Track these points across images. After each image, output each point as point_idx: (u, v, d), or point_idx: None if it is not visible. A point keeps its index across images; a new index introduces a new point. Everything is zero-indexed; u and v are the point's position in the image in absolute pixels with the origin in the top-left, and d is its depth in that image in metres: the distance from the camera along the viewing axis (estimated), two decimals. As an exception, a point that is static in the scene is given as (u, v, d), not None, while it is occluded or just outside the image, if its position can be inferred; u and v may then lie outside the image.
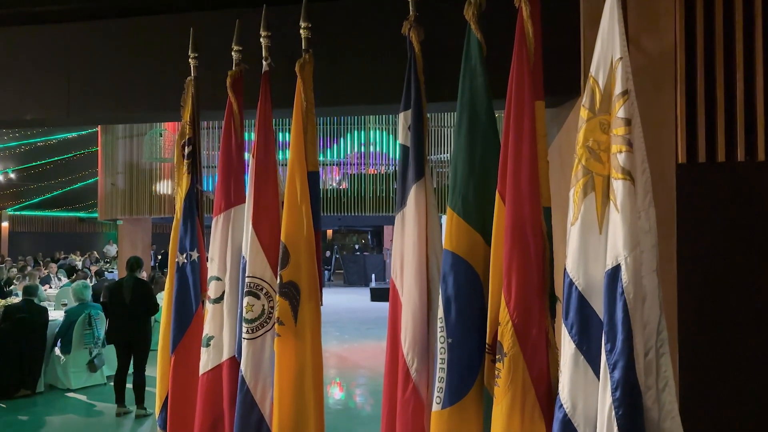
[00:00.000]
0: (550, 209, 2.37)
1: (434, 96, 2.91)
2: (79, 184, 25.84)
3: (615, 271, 1.97)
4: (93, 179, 21.72)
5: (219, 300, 3.20)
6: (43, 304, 8.71)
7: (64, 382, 7.96)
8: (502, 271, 2.31)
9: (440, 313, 2.49)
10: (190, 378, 3.28)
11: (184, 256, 3.36)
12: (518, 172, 2.30)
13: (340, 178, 16.91)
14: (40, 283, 10.51)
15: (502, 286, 2.30)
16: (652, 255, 1.99)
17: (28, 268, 14.69)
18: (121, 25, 3.65)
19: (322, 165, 15.43)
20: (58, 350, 7.96)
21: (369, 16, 3.31)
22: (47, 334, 7.93)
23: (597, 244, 2.08)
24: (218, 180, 3.32)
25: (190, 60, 3.36)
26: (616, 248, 1.97)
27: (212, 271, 3.25)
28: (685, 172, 2.81)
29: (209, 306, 3.22)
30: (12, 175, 24.96)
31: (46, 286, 12.85)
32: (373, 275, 20.45)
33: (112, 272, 17.33)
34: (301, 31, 3.02)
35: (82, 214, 30.50)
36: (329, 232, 28.16)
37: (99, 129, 16.49)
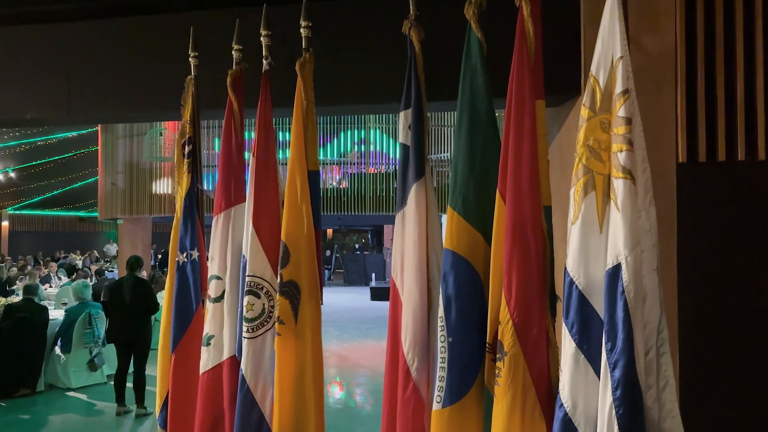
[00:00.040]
0: (551, 208, 2.37)
1: (434, 95, 2.91)
2: (79, 184, 25.83)
3: (615, 270, 1.96)
4: (93, 178, 21.71)
5: (219, 299, 3.20)
6: (44, 303, 8.70)
7: (64, 381, 7.96)
8: (502, 270, 2.31)
9: (441, 312, 2.49)
10: (190, 377, 3.28)
11: (185, 255, 3.36)
12: (519, 171, 2.30)
13: (340, 177, 16.90)
14: (40, 282, 10.51)
15: (503, 285, 2.30)
16: (653, 254, 1.99)
17: (28, 268, 14.72)
18: (122, 24, 3.64)
19: (322, 164, 15.42)
20: (58, 349, 7.96)
21: (369, 15, 3.31)
22: (47, 334, 7.93)
23: (597, 243, 2.08)
24: (218, 179, 3.31)
25: (191, 59, 3.36)
26: (617, 247, 1.97)
27: (212, 270, 3.25)
28: (686, 172, 2.81)
29: (209, 305, 3.22)
30: (12, 175, 24.95)
31: (46, 285, 12.85)
32: (373, 274, 20.45)
33: (112, 271, 17.33)
34: (302, 30, 3.02)
35: (82, 214, 30.51)
36: (329, 232, 28.17)
37: (99, 128, 16.49)
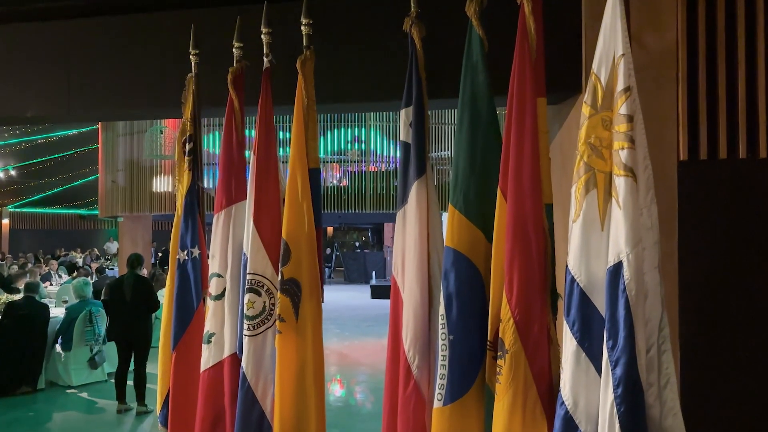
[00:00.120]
0: (552, 206, 2.37)
1: (435, 93, 2.90)
2: (80, 182, 25.84)
3: (617, 268, 1.96)
4: (93, 176, 21.70)
5: (220, 297, 3.20)
6: (44, 301, 8.71)
7: (65, 379, 7.96)
8: (503, 268, 2.31)
9: (441, 310, 2.49)
10: (191, 375, 3.29)
11: (185, 253, 3.36)
12: (520, 169, 2.30)
13: (340, 175, 16.90)
14: (40, 280, 10.51)
15: (504, 283, 2.29)
16: (654, 252, 1.99)
17: (29, 265, 14.72)
18: (122, 21, 3.64)
19: (323, 162, 15.43)
20: (58, 347, 7.95)
21: (370, 13, 3.31)
22: (48, 331, 7.93)
23: (599, 240, 2.08)
24: (219, 177, 3.31)
25: (191, 57, 3.35)
26: (618, 245, 1.97)
27: (213, 268, 3.25)
28: (687, 169, 2.81)
29: (210, 303, 3.22)
30: (12, 173, 24.95)
31: (47, 283, 12.85)
32: (374, 272, 20.45)
33: (113, 269, 17.34)
34: (302, 28, 3.02)
35: (83, 212, 30.52)
36: (329, 230, 28.18)
37: (99, 126, 16.51)
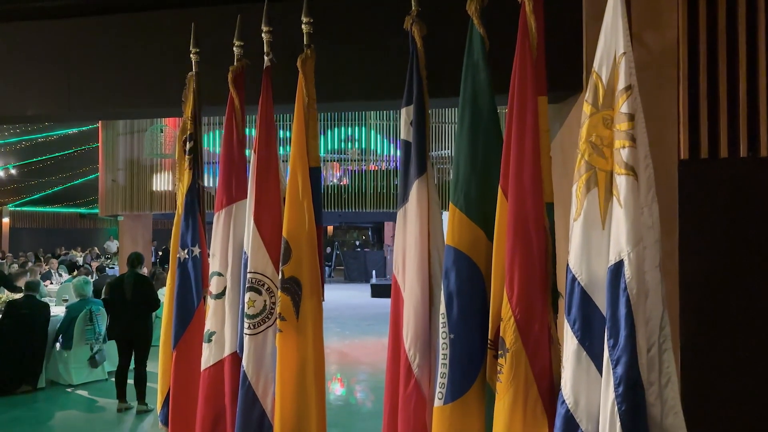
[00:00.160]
0: (553, 205, 2.37)
1: (436, 91, 2.90)
2: (80, 180, 25.84)
3: (618, 267, 1.96)
4: (94, 175, 21.70)
5: (221, 296, 3.20)
6: (45, 299, 8.71)
7: (65, 378, 7.96)
8: (504, 267, 2.31)
9: (442, 309, 2.49)
10: (191, 374, 3.28)
11: (186, 251, 3.36)
12: (521, 168, 2.29)
13: (340, 174, 16.89)
14: (40, 279, 10.51)
15: (505, 282, 2.29)
16: (655, 250, 1.99)
17: (29, 264, 14.73)
18: (122, 20, 3.64)
19: (323, 161, 15.43)
20: (59, 346, 7.96)
21: (371, 11, 3.31)
22: (48, 330, 7.93)
23: (600, 239, 2.07)
24: (220, 176, 3.31)
25: (192, 55, 3.35)
26: (619, 244, 1.96)
27: (214, 266, 3.25)
28: (688, 168, 2.81)
29: (211, 302, 3.22)
30: (13, 171, 24.94)
31: (47, 281, 12.86)
32: (374, 271, 20.44)
33: (113, 268, 17.35)
34: (303, 26, 3.01)
35: (83, 210, 30.53)
36: (330, 229, 28.17)
37: (99, 125, 16.49)
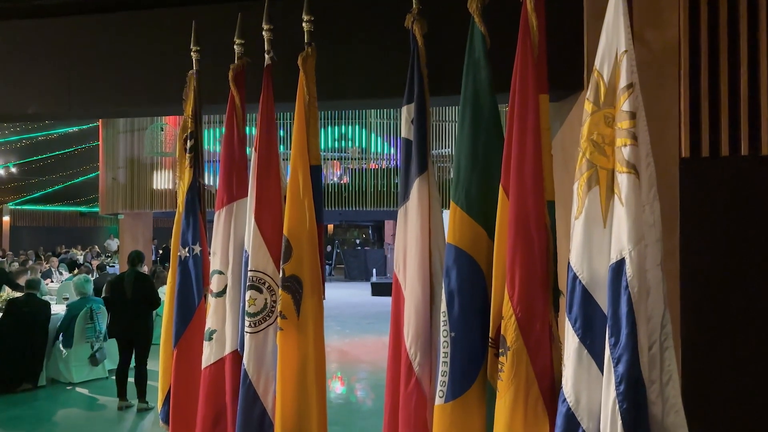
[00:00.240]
0: (554, 203, 2.36)
1: (437, 89, 2.89)
2: (80, 179, 25.85)
3: (619, 265, 1.96)
4: (94, 174, 21.72)
5: (221, 294, 3.20)
6: (45, 298, 8.72)
7: (66, 376, 7.97)
8: (505, 265, 2.30)
9: (443, 307, 2.48)
10: (192, 372, 3.29)
11: (187, 250, 3.36)
12: (522, 166, 2.29)
13: (341, 172, 16.88)
14: (41, 278, 10.51)
15: (506, 280, 2.29)
16: (657, 249, 1.98)
17: (30, 263, 14.73)
18: (123, 18, 3.64)
19: (323, 160, 15.41)
20: (59, 344, 7.96)
21: (371, 9, 3.30)
22: (49, 328, 7.94)
23: (601, 237, 2.07)
24: (220, 174, 3.31)
25: (192, 53, 3.35)
26: (621, 242, 1.96)
27: (214, 265, 3.25)
28: (689, 167, 2.81)
29: (212, 300, 3.22)
30: (13, 170, 24.96)
31: (48, 280, 12.87)
32: (374, 270, 20.43)
33: (114, 267, 17.37)
34: (304, 24, 3.01)
35: (84, 209, 30.55)
36: (330, 227, 28.15)
37: (100, 123, 16.51)
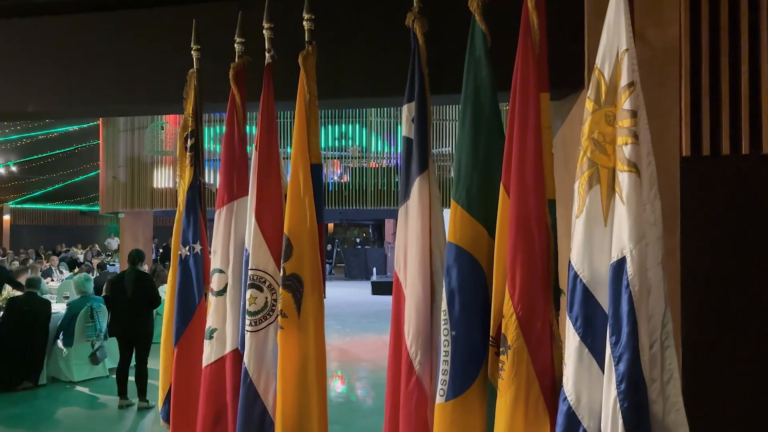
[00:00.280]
0: (555, 202, 2.36)
1: (438, 88, 2.89)
2: (81, 177, 25.84)
3: (620, 264, 1.95)
4: (94, 172, 21.72)
5: (222, 292, 3.20)
6: (45, 296, 8.72)
7: (66, 375, 7.97)
8: (506, 264, 2.30)
9: (444, 306, 2.48)
10: (192, 370, 3.28)
11: (187, 248, 3.36)
12: (523, 165, 2.29)
13: (341, 171, 16.87)
14: (41, 276, 10.52)
15: (506, 279, 2.29)
16: (658, 247, 1.98)
17: (30, 261, 14.74)
18: (123, 16, 3.63)
19: (323, 159, 15.39)
20: (60, 343, 7.96)
21: (372, 8, 3.30)
22: (49, 327, 7.93)
23: (602, 236, 2.07)
24: (221, 173, 3.31)
25: (193, 52, 3.34)
26: (622, 240, 1.96)
27: (215, 263, 3.25)
28: (689, 165, 2.80)
29: (212, 298, 3.22)
30: (13, 168, 24.97)
31: (48, 279, 12.87)
32: (375, 269, 20.43)
33: (114, 265, 17.38)
34: (304, 23, 3.00)
35: (84, 207, 30.54)
36: (330, 226, 28.15)
37: (100, 122, 16.50)
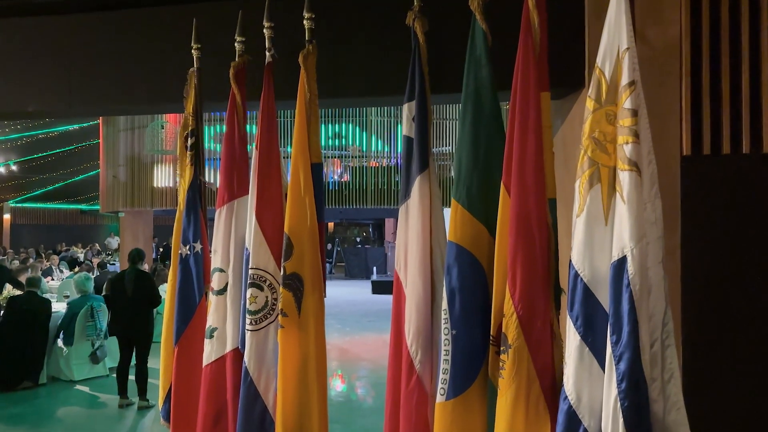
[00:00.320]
0: (555, 201, 2.36)
1: (438, 87, 2.89)
2: (81, 177, 25.85)
3: (621, 263, 1.95)
4: (94, 171, 21.73)
5: (222, 292, 3.20)
6: (46, 296, 8.72)
7: (66, 374, 7.97)
8: (506, 263, 2.30)
9: (444, 305, 2.49)
10: (193, 370, 3.29)
11: (188, 247, 3.36)
12: (523, 164, 2.29)
13: (341, 170, 16.87)
14: (42, 275, 10.52)
15: (507, 278, 2.29)
16: (658, 246, 1.98)
17: (30, 260, 14.74)
18: (123, 16, 3.63)
19: (323, 158, 15.38)
20: (60, 342, 7.97)
21: (373, 7, 3.29)
22: (50, 326, 7.94)
23: (603, 235, 2.07)
24: (221, 172, 3.31)
25: (193, 51, 3.34)
26: (622, 239, 1.96)
27: (215, 262, 3.25)
28: (690, 165, 2.80)
29: (212, 297, 3.22)
30: (14, 167, 24.98)
31: (48, 278, 12.88)
32: (375, 268, 20.43)
33: (114, 264, 17.37)
34: (305, 22, 3.00)
35: (84, 207, 30.54)
36: (330, 225, 28.15)
37: (100, 121, 16.49)
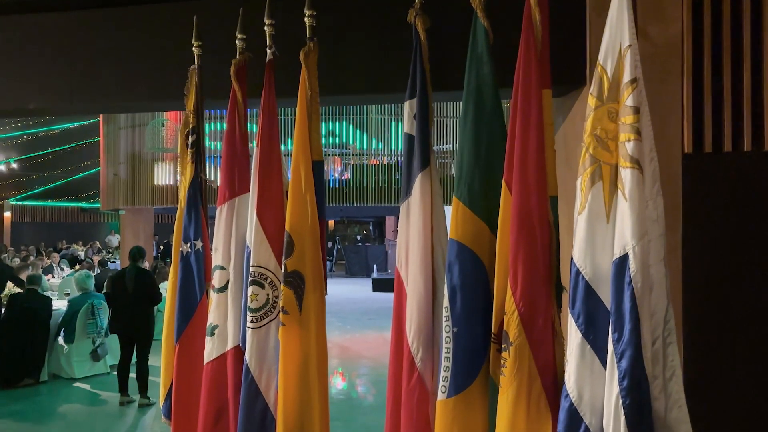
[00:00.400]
0: (557, 198, 2.36)
1: (440, 84, 2.89)
2: (81, 174, 25.87)
3: (623, 261, 1.95)
4: (95, 169, 21.75)
5: (223, 289, 3.20)
6: (46, 293, 8.72)
7: (67, 372, 7.99)
8: (508, 261, 2.30)
9: (445, 303, 2.49)
10: (194, 367, 3.29)
11: (188, 245, 3.35)
12: (525, 161, 2.29)
13: (341, 168, 16.87)
14: (42, 273, 10.52)
15: (508, 276, 2.29)
16: (660, 244, 1.98)
17: (31, 258, 14.74)
18: (124, 13, 3.62)
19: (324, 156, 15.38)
20: (61, 340, 7.98)
21: (374, 4, 3.29)
22: (50, 324, 7.95)
23: (604, 233, 2.07)
24: (222, 169, 3.30)
25: (194, 48, 3.33)
26: (624, 237, 1.96)
27: (216, 260, 3.25)
28: (691, 162, 2.80)
29: (213, 295, 3.22)
30: (14, 165, 24.99)
31: (49, 275, 12.89)
32: (375, 266, 20.44)
33: (115, 262, 17.38)
34: (306, 19, 3.00)
35: (85, 204, 30.55)
36: (331, 223, 28.17)
37: (101, 119, 16.52)
